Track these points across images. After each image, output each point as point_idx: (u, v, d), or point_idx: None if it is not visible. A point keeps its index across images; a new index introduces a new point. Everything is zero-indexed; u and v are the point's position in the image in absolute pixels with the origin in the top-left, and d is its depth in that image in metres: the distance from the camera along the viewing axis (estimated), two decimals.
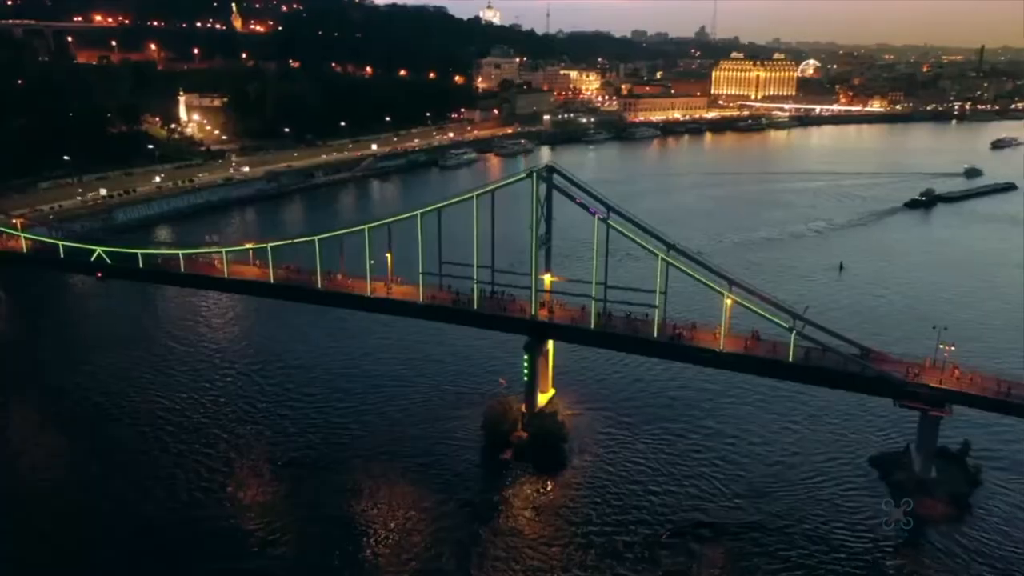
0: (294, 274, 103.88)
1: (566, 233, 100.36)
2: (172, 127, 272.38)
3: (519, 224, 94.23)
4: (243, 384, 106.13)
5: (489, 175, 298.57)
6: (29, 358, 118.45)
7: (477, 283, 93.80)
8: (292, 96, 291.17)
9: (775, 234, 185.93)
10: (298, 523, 78.42)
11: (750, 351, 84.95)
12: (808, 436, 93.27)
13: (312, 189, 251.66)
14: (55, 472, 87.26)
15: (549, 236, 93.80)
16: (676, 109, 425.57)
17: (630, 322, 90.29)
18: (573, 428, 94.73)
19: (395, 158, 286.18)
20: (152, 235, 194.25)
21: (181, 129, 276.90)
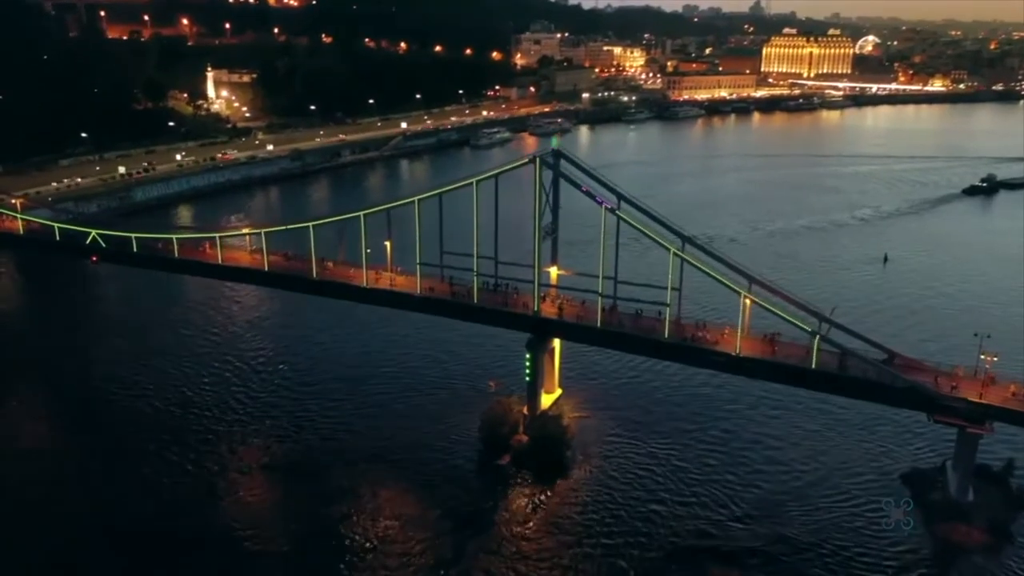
0: (289, 262, 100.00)
1: (582, 222, 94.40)
2: (198, 103, 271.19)
3: (527, 212, 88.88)
4: (240, 375, 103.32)
5: (521, 156, 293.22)
6: (32, 341, 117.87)
7: (478, 275, 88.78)
8: (321, 72, 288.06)
9: (816, 222, 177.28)
10: (281, 527, 75.52)
11: (769, 356, 78.69)
12: (833, 448, 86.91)
13: (338, 168, 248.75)
14: (41, 467, 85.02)
15: (556, 226, 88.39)
16: (723, 87, 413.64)
17: (640, 320, 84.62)
18: (578, 432, 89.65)
19: (425, 137, 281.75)
20: (170, 214, 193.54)
21: (208, 106, 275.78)
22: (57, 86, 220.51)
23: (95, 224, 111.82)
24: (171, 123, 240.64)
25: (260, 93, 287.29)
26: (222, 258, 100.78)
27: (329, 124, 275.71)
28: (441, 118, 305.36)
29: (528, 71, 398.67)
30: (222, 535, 73.95)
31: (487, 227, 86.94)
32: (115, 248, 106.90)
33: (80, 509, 77.58)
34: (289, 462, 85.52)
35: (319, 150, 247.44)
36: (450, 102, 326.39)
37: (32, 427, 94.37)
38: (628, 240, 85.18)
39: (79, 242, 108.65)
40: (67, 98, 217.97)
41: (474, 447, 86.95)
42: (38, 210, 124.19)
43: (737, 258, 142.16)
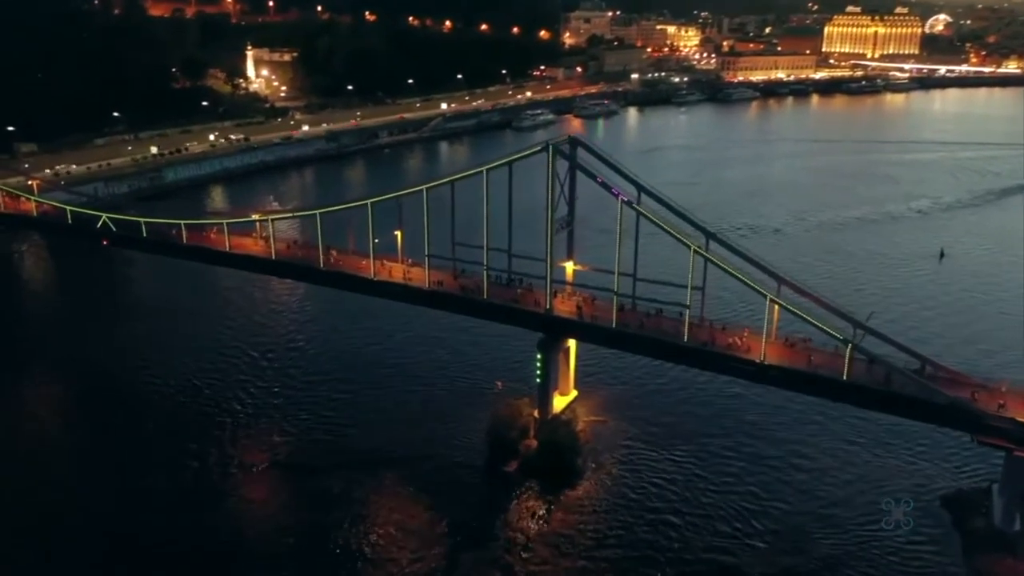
0: (298, 250, 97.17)
1: (602, 214, 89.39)
2: (237, 82, 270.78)
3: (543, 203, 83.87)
4: (251, 365, 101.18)
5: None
6: (51, 324, 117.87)
7: (488, 269, 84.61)
8: (362, 51, 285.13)
9: (869, 214, 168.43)
10: (273, 529, 73.28)
11: (798, 364, 73.03)
12: (869, 464, 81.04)
13: (375, 150, 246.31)
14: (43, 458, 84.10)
15: (572, 218, 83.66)
16: (780, 68, 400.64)
17: (659, 321, 79.51)
18: (592, 437, 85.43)
19: (465, 118, 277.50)
20: (200, 196, 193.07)
21: (246, 85, 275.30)
22: (96, 64, 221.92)
23: (106, 208, 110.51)
24: (206, 103, 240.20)
25: (300, 72, 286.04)
26: (229, 245, 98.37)
27: (368, 105, 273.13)
28: (483, 99, 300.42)
29: (576, 51, 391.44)
30: (217, 534, 72.25)
31: (501, 218, 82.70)
32: (125, 233, 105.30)
33: (78, 501, 76.21)
34: (288, 461, 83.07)
35: (356, 131, 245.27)
36: (494, 82, 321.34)
37: (42, 412, 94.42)
38: (651, 235, 79.42)
39: (90, 226, 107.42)
40: (106, 76, 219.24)
41: (481, 451, 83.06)
42: (53, 192, 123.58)
43: (780, 251, 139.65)
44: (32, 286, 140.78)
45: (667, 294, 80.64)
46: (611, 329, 79.30)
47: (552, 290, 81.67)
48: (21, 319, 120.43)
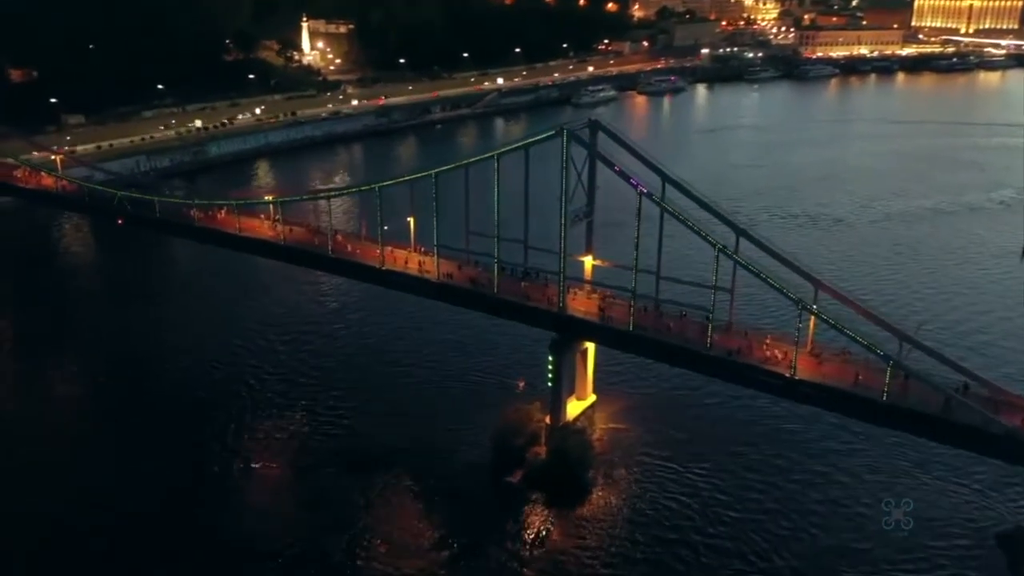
0: (309, 235, 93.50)
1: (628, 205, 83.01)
2: (289, 55, 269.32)
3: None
4: (263, 352, 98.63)
5: (629, 116, 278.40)
6: (82, 300, 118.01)
7: (499, 262, 79.24)
8: (418, 24, 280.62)
9: (946, 204, 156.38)
10: (255, 533, 70.10)
11: (833, 380, 65.91)
12: (917, 493, 72.82)
13: (426, 126, 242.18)
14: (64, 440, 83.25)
15: (591, 209, 77.58)
16: (863, 44, 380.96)
17: (683, 325, 73.07)
18: (607, 448, 79.99)
19: (522, 94, 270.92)
20: (243, 171, 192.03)
21: (299, 57, 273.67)
22: (149, 36, 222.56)
23: (126, 186, 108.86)
24: (256, 76, 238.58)
25: (355, 45, 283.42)
26: (240, 228, 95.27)
27: (423, 79, 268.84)
28: (543, 74, 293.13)
29: (645, 24, 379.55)
30: (206, 532, 69.82)
31: (518, 207, 77.22)
32: (138, 212, 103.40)
33: (80, 489, 74.81)
34: (285, 457, 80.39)
35: (407, 106, 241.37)
36: (555, 57, 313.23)
37: (54, 391, 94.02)
38: (678, 229, 72.50)
39: (107, 204, 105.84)
40: (158, 49, 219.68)
41: (486, 458, 78.07)
42: (77, 168, 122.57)
43: (837, 244, 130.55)
44: (69, 260, 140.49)
45: (694, 295, 74.21)
46: (627, 332, 73.18)
47: (566, 287, 75.86)
48: (53, 293, 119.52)
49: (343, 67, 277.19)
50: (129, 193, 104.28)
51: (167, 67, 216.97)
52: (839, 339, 67.25)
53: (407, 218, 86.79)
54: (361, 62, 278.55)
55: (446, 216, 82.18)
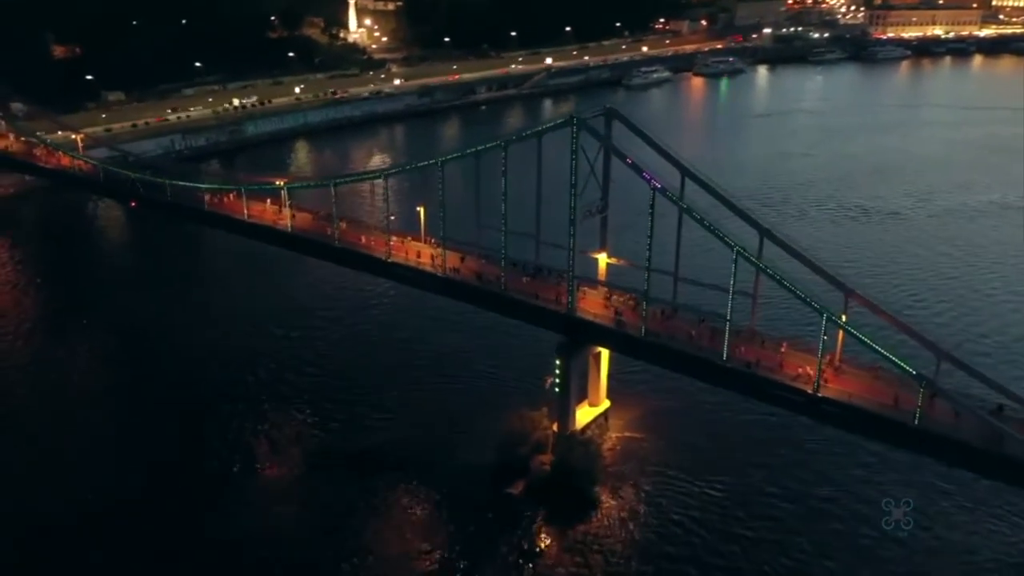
0: (316, 223, 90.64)
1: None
2: (335, 32, 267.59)
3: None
4: (266, 348, 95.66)
5: (683, 99, 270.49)
6: (108, 282, 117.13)
7: (505, 258, 75.13)
8: (467, 1, 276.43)
9: (1014, 198, 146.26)
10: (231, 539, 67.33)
11: (862, 398, 60.35)
12: (964, 527, 67.05)
13: (471, 107, 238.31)
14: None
15: (605, 203, 72.81)
16: (938, 24, 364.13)
17: (702, 332, 67.96)
18: (618, 459, 75.53)
19: (571, 74, 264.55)
20: (279, 151, 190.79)
21: (345, 35, 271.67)
22: (193, 13, 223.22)
23: (140, 167, 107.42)
24: (297, 54, 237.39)
25: (403, 23, 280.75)
26: (248, 214, 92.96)
27: (470, 58, 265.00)
28: (595, 54, 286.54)
29: (705, 2, 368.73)
30: (193, 528, 68.12)
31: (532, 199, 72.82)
32: (151, 195, 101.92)
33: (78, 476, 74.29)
34: (280, 458, 77.76)
35: (451, 86, 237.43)
36: (608, 36, 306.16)
37: (71, 376, 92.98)
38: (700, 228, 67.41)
39: (121, 186, 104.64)
40: (202, 25, 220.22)
41: (488, 466, 74.18)
42: (97, 149, 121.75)
43: (886, 240, 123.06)
44: (97, 240, 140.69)
45: (715, 299, 68.77)
46: (638, 338, 68.45)
47: (576, 285, 71.38)
48: (77, 273, 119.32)
49: (389, 45, 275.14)
50: (142, 175, 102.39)
51: (211, 44, 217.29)
52: (869, 352, 61.51)
53: (416, 207, 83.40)
54: (408, 40, 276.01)
55: (457, 206, 78.50)
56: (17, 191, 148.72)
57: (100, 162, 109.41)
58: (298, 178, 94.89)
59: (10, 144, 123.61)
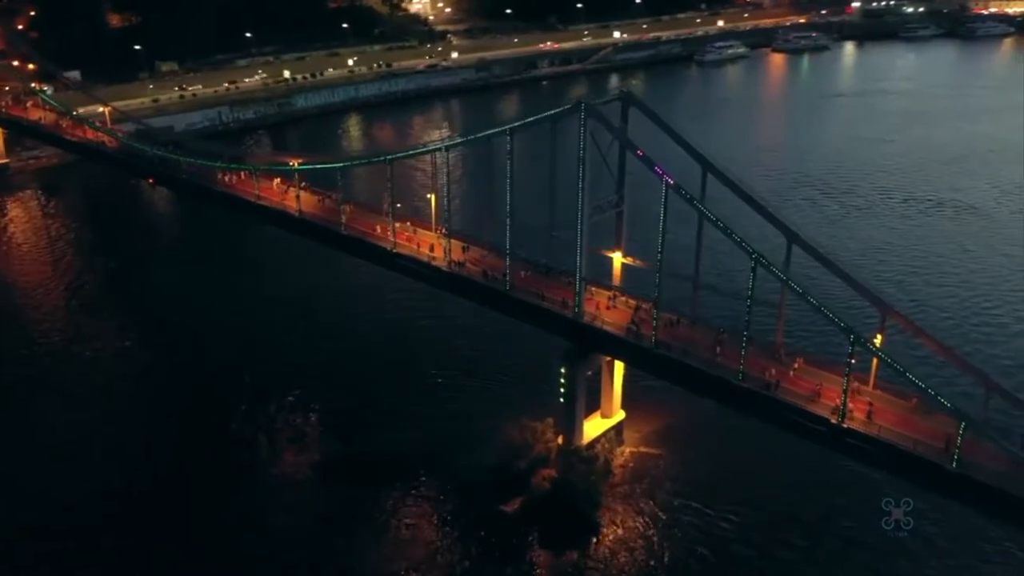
0: (324, 208, 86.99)
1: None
2: (396, 2, 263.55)
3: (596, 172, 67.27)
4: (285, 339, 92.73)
5: (759, 77, 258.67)
6: (143, 261, 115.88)
7: (510, 253, 69.90)
8: None
9: None
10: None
11: (893, 432, 53.51)
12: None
13: (531, 82, 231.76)
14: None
15: (621, 197, 66.84)
16: None
17: (720, 345, 61.74)
18: (627, 478, 70.08)
19: (640, 49, 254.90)
20: (329, 125, 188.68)
21: (407, 5, 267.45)
22: None
23: (157, 145, 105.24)
24: (347, 25, 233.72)
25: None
26: (258, 195, 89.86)
27: (535, 31, 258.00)
28: (668, 27, 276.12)
29: None
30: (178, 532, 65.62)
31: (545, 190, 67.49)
32: (167, 172, 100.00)
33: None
34: (276, 459, 74.74)
35: (511, 60, 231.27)
36: (683, 8, 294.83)
37: (94, 355, 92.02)
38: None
39: (139, 161, 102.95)
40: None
41: (486, 479, 69.43)
42: (124, 123, 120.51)
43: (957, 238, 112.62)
44: (137, 213, 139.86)
45: (740, 308, 62.37)
46: (647, 349, 62.58)
47: (583, 287, 65.77)
48: (115, 246, 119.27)
49: (452, 16, 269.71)
50: (161, 152, 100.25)
51: (268, 15, 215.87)
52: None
53: (428, 195, 78.83)
54: (472, 11, 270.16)
55: (471, 195, 73.71)
56: (61, 161, 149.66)
57: (123, 137, 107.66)
58: (312, 159, 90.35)
59: (44, 116, 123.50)
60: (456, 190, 73.45)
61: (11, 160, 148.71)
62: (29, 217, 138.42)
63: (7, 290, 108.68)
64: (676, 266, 64.67)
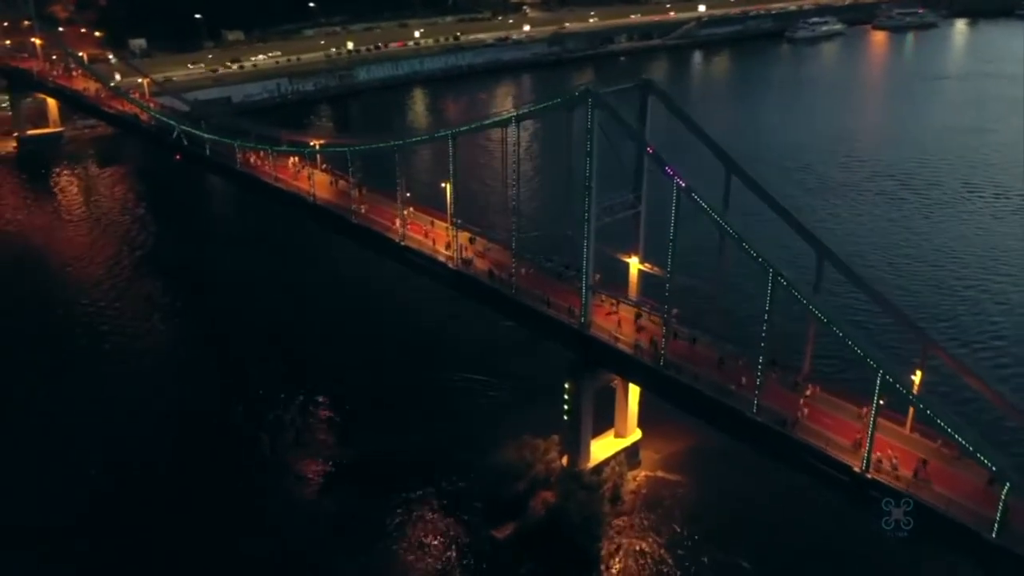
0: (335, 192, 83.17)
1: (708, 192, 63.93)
2: None
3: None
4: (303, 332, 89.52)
5: (856, 56, 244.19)
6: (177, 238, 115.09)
7: (515, 252, 64.43)
8: None
9: None
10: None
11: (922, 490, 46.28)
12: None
13: (607, 57, 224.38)
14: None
15: (639, 195, 60.40)
16: None
17: (740, 373, 54.83)
18: (639, 507, 63.79)
19: (727, 24, 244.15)
20: (390, 99, 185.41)
21: None
22: None
23: (185, 120, 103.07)
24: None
25: None
26: (275, 177, 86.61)
27: (615, 3, 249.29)
28: (758, 1, 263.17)
29: None
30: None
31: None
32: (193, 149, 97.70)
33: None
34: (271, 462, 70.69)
35: (586, 34, 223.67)
36: None
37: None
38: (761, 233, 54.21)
39: (167, 136, 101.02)
40: None
41: (482, 499, 64.53)
42: (165, 96, 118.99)
43: None
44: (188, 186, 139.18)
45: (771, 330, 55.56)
46: (654, 369, 56.32)
47: (590, 294, 59.80)
48: (164, 219, 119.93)
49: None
50: (187, 127, 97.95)
51: None
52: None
53: (441, 184, 73.60)
54: None
55: (489, 186, 68.31)
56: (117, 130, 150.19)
57: (153, 110, 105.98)
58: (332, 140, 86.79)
59: (87, 86, 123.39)
60: (476, 179, 67.70)
61: (66, 128, 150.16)
62: (80, 186, 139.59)
63: (45, 258, 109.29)
64: (696, 277, 58.20)
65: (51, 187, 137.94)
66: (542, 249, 68.98)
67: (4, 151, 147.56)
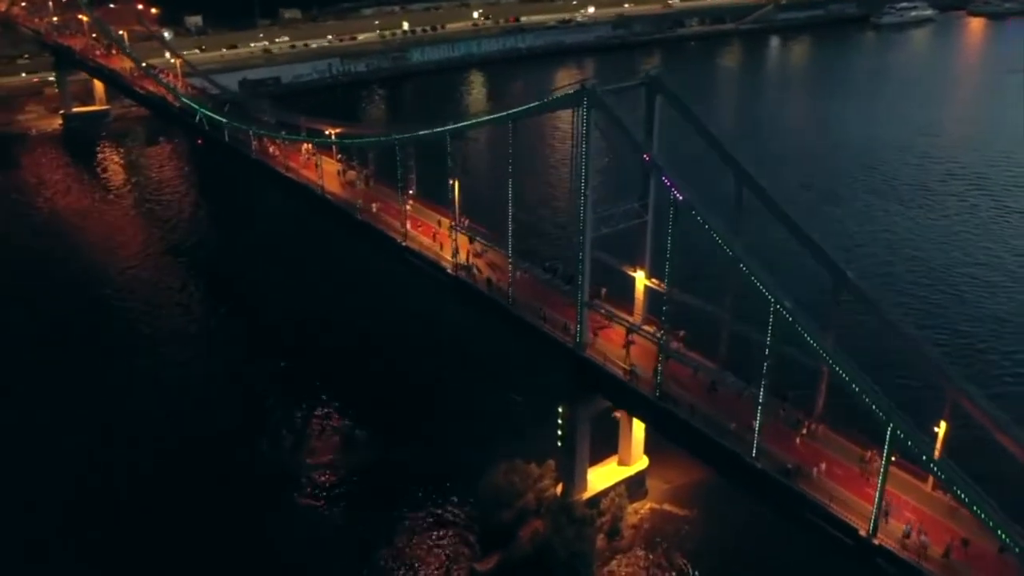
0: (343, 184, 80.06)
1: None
2: None
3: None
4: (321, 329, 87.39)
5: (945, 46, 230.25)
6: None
7: (513, 262, 59.99)
8: None
9: None
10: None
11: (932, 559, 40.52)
12: None
13: (676, 42, 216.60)
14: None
15: (646, 202, 54.94)
16: None
17: (740, 407, 49.55)
18: (638, 543, 59.50)
19: (807, 8, 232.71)
20: (446, 82, 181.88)
21: None
22: None
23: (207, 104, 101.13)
24: None
25: None
26: (287, 167, 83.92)
27: None
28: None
29: None
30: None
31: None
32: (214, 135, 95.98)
33: None
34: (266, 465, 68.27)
35: (654, 17, 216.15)
36: None
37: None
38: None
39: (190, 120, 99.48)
40: None
41: (470, 526, 60.69)
42: (195, 77, 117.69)
43: None
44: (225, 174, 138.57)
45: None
46: (648, 399, 51.36)
47: (586, 312, 55.03)
48: (192, 209, 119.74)
49: None
50: (208, 111, 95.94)
51: None
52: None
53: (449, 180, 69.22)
54: None
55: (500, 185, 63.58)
56: None
57: (180, 92, 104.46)
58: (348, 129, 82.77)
59: (124, 66, 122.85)
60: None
61: (112, 106, 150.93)
62: (123, 165, 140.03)
63: (80, 240, 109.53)
64: (703, 297, 52.86)
65: (94, 166, 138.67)
66: (549, 256, 64.66)
67: (50, 128, 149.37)
